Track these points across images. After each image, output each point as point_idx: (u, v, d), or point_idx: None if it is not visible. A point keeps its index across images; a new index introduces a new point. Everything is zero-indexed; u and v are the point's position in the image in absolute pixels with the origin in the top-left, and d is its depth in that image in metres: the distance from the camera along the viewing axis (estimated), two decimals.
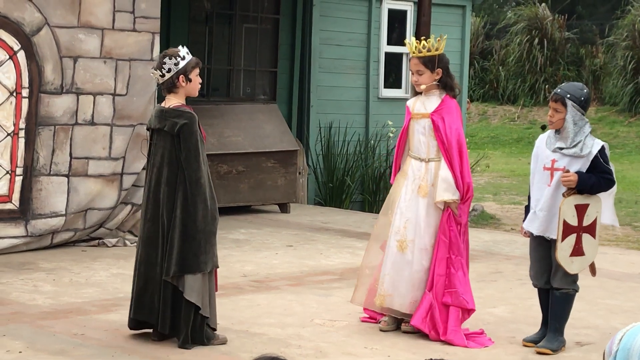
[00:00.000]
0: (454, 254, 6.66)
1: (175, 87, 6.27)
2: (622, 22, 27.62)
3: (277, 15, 13.47)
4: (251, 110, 12.50)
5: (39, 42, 9.05)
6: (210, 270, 6.18)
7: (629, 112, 26.44)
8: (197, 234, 6.10)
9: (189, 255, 6.09)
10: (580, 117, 6.40)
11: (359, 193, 14.08)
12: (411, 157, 6.86)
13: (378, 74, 14.57)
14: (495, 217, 15.20)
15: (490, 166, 19.87)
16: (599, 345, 6.59)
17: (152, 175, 6.27)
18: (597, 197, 6.42)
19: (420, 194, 6.75)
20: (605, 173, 6.35)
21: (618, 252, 10.81)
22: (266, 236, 10.55)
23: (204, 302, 6.15)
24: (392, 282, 6.78)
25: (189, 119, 6.18)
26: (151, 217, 6.24)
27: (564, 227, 6.31)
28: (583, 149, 6.36)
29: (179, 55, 6.24)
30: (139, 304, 6.25)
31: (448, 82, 6.83)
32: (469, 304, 6.66)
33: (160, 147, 6.25)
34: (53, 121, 9.17)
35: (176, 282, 6.11)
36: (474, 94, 28.93)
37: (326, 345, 6.37)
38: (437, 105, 6.79)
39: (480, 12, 32.46)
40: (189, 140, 6.15)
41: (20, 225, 9.05)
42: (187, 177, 6.12)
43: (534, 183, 6.56)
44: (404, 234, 6.77)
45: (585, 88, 6.54)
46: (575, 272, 6.42)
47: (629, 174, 20.52)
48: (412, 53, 6.82)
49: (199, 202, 6.11)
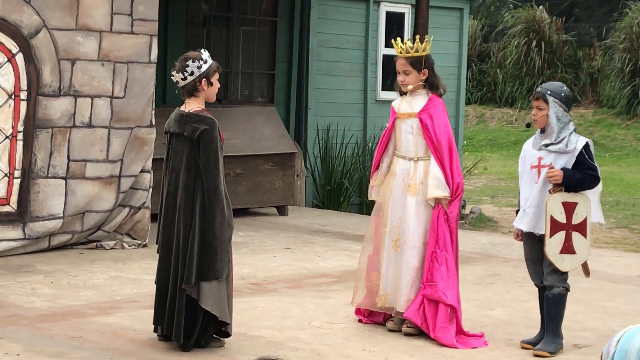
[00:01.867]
0: (439, 249, 6.70)
1: (196, 90, 6.21)
2: (619, 25, 27.65)
3: (275, 18, 13.48)
4: (249, 112, 12.51)
5: (37, 45, 9.05)
6: (226, 277, 6.14)
7: (627, 114, 26.46)
8: (214, 242, 6.03)
9: (205, 262, 6.03)
10: (563, 112, 6.50)
11: (356, 195, 14.08)
12: (398, 157, 6.90)
13: (376, 76, 14.58)
14: (492, 219, 15.21)
15: (487, 169, 19.89)
16: (596, 348, 6.60)
17: (170, 180, 6.18)
18: (586, 196, 6.47)
19: (410, 193, 6.79)
20: (590, 169, 6.42)
21: (615, 255, 10.82)
22: (264, 239, 10.55)
23: (223, 309, 6.09)
24: (390, 282, 6.82)
25: (210, 124, 6.12)
26: (169, 222, 6.18)
27: (551, 223, 6.37)
28: (568, 144, 6.45)
29: (202, 59, 6.17)
30: (158, 309, 6.21)
31: (434, 81, 6.91)
32: (447, 299, 6.63)
33: (179, 152, 6.15)
34: (51, 124, 9.17)
35: (190, 290, 6.05)
36: (471, 96, 28.95)
37: (324, 348, 6.37)
38: (424, 104, 6.85)
39: (478, 15, 32.48)
40: (209, 146, 6.08)
41: (18, 228, 9.05)
42: (206, 183, 6.03)
43: (523, 183, 6.64)
44: (397, 233, 6.81)
45: (565, 86, 6.65)
46: (567, 269, 6.46)
47: (626, 176, 20.53)
48: (399, 53, 6.86)
49: (217, 209, 6.03)
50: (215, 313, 6.05)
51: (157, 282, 6.26)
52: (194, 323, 6.10)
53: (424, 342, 6.61)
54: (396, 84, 7.03)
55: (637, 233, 14.11)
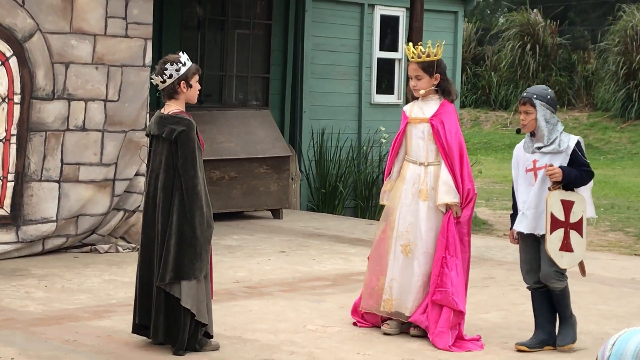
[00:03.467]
0: (449, 254, 6.70)
1: (176, 93, 6.29)
2: (614, 28, 27.68)
3: (270, 21, 13.47)
4: (243, 116, 12.50)
5: (30, 48, 9.04)
6: (205, 276, 6.18)
7: (621, 117, 26.49)
8: (194, 241, 6.10)
9: (184, 261, 6.09)
10: (551, 115, 6.56)
11: (351, 199, 14.08)
12: (409, 162, 6.89)
13: (370, 79, 14.58)
14: (487, 222, 15.21)
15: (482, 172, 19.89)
16: (591, 351, 6.60)
17: (150, 181, 6.29)
18: (581, 195, 6.54)
19: (421, 198, 6.78)
20: (584, 166, 6.51)
21: (610, 258, 10.82)
22: (259, 242, 10.54)
23: (201, 309, 6.14)
24: (398, 287, 6.81)
25: (187, 125, 6.19)
26: (150, 222, 6.26)
27: (551, 220, 6.41)
28: (561, 144, 6.51)
29: (180, 62, 6.26)
30: (142, 308, 6.26)
31: (446, 87, 6.88)
32: (458, 305, 6.64)
33: (158, 154, 6.25)
34: (44, 127, 9.15)
35: (170, 289, 6.10)
36: (466, 99, 28.97)
37: (319, 351, 6.36)
38: (436, 109, 6.83)
39: (473, 18, 32.52)
40: (186, 147, 6.15)
41: (11, 231, 9.03)
42: (184, 184, 6.11)
43: (519, 187, 6.64)
44: (407, 238, 6.79)
45: (549, 88, 6.73)
46: (565, 267, 6.51)
47: (620, 179, 20.55)
48: (411, 58, 6.84)
49: (195, 209, 6.10)
50: (194, 312, 6.11)
51: (138, 282, 6.31)
52: (175, 323, 6.13)
53: (418, 346, 6.60)
54: (408, 89, 7.02)
55: (631, 236, 14.11)
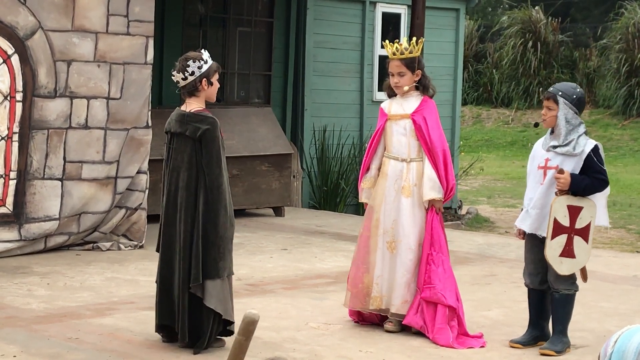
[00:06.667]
0: (434, 250, 6.73)
1: (197, 90, 6.23)
2: (615, 25, 27.67)
3: (271, 19, 13.47)
4: (245, 113, 12.50)
5: (32, 46, 9.04)
6: (228, 275, 6.15)
7: (623, 114, 26.48)
8: (217, 240, 6.06)
9: (208, 261, 6.05)
10: (574, 115, 6.43)
11: (353, 196, 14.06)
12: (389, 158, 6.89)
13: (372, 77, 14.59)
14: (489, 220, 15.22)
15: (484, 169, 19.89)
16: (593, 348, 6.60)
17: (171, 180, 6.19)
18: (592, 201, 6.40)
19: (404, 194, 6.80)
20: (599, 173, 6.34)
21: (612, 255, 10.82)
22: (261, 240, 10.55)
23: (227, 307, 6.11)
24: (385, 283, 6.82)
25: (212, 124, 6.14)
26: (171, 222, 6.18)
27: (554, 225, 6.32)
28: (576, 147, 6.37)
29: (202, 59, 6.21)
30: (162, 308, 6.22)
31: (426, 83, 6.93)
32: (446, 300, 6.65)
33: (180, 152, 6.17)
34: (47, 125, 9.16)
35: (194, 289, 6.06)
36: (467, 97, 28.97)
37: (321, 349, 6.37)
38: (417, 105, 6.85)
39: (474, 15, 32.49)
40: (212, 145, 6.11)
41: (14, 229, 9.04)
42: (209, 182, 6.05)
43: (528, 183, 6.59)
44: (392, 235, 6.81)
45: (578, 87, 6.57)
46: (565, 273, 6.40)
47: (622, 176, 20.55)
48: (392, 55, 6.85)
49: (220, 208, 6.05)
50: (220, 311, 6.07)
51: (159, 282, 6.26)
52: (199, 323, 6.11)
53: (420, 343, 6.61)
54: (385, 86, 7.02)
55: (633, 233, 14.12)
